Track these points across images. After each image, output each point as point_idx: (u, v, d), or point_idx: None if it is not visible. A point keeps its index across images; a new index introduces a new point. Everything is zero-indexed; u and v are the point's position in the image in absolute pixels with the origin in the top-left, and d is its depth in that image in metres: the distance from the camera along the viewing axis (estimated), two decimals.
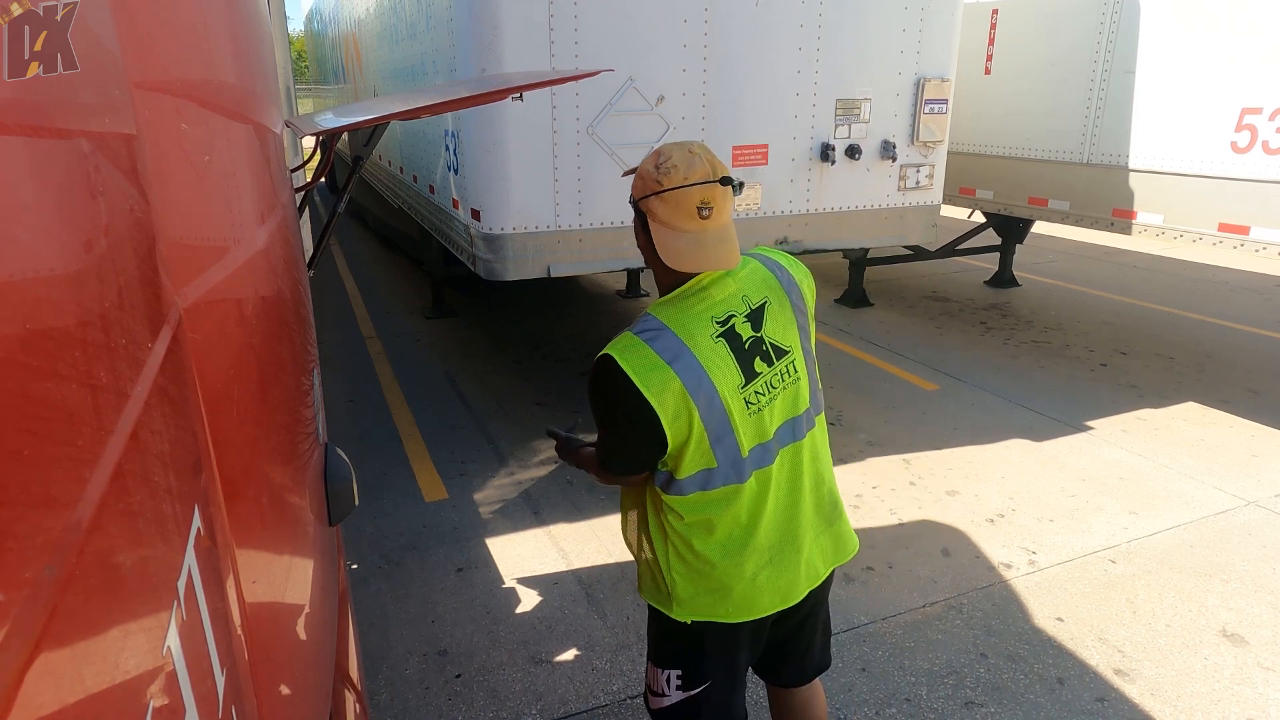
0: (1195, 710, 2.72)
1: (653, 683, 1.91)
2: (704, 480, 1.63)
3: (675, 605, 1.74)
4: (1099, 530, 3.83)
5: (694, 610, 1.73)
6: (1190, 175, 5.49)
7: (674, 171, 1.56)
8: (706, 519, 1.67)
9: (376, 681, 2.87)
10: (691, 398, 1.55)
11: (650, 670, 1.91)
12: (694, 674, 1.83)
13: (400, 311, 7.74)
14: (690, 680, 1.83)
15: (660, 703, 1.89)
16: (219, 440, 0.78)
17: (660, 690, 1.88)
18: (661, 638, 1.86)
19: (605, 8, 4.20)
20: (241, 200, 1.02)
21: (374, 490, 4.24)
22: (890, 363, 6.21)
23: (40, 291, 0.44)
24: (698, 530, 1.68)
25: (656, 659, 1.89)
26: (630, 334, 1.58)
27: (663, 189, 1.56)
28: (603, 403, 1.63)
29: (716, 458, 1.61)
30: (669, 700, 1.87)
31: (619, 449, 1.69)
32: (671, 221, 1.57)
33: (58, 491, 0.44)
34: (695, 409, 1.55)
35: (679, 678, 1.84)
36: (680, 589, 1.72)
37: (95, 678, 0.45)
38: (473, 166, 4.48)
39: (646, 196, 1.59)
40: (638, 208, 1.63)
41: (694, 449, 1.59)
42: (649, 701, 1.96)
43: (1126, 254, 10.14)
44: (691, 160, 1.57)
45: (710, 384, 1.56)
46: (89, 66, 0.52)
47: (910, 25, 4.94)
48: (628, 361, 1.54)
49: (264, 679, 0.87)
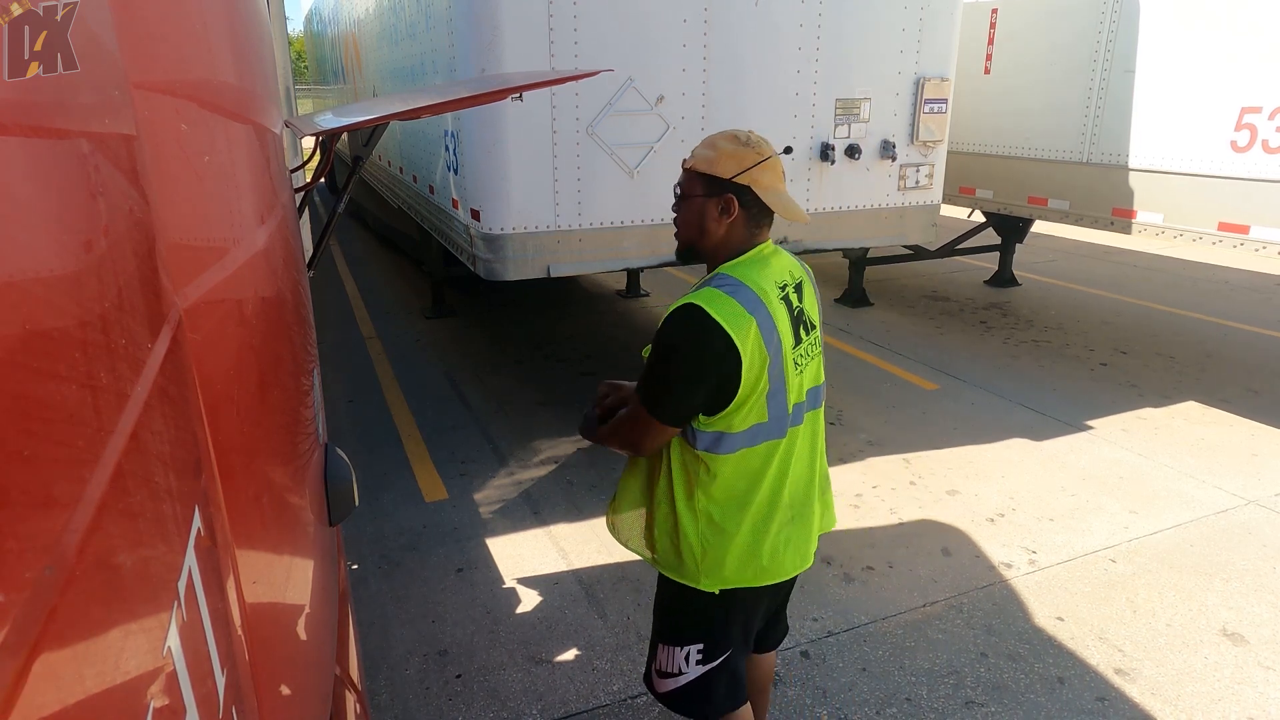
0: (1196, 709, 2.72)
1: (665, 663, 1.95)
2: (752, 435, 1.74)
3: (704, 577, 1.81)
4: (1099, 529, 3.83)
5: (724, 578, 1.81)
6: (1190, 174, 5.49)
7: (762, 145, 1.75)
8: (744, 479, 1.77)
9: (377, 682, 2.87)
10: (766, 348, 1.68)
11: (663, 651, 1.96)
12: (716, 644, 1.91)
13: (400, 311, 7.74)
14: (711, 652, 1.91)
15: (675, 682, 1.94)
16: (219, 441, 0.78)
17: (676, 669, 1.93)
18: (681, 614, 1.92)
19: (605, 8, 4.20)
20: (241, 200, 1.02)
21: (374, 490, 4.24)
22: (890, 362, 6.21)
23: (40, 292, 0.44)
24: (733, 492, 1.77)
25: (673, 637, 1.94)
26: (710, 288, 1.70)
27: (764, 158, 1.73)
28: (682, 349, 1.69)
29: (769, 411, 1.74)
30: (686, 677, 1.93)
31: (685, 396, 1.71)
32: (775, 185, 1.76)
33: (58, 492, 0.44)
34: (768, 359, 1.69)
35: (700, 651, 1.91)
36: (711, 558, 1.79)
37: (96, 678, 0.45)
38: (472, 166, 4.48)
39: (749, 169, 1.71)
40: (730, 184, 1.72)
41: (755, 400, 1.71)
42: (657, 685, 1.99)
43: (1126, 253, 10.14)
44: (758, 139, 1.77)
45: (778, 339, 1.71)
46: (89, 66, 0.52)
47: (910, 25, 4.94)
48: (716, 309, 1.65)
49: (264, 679, 0.87)
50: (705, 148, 1.77)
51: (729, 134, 1.76)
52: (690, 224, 1.80)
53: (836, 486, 4.24)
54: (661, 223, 4.56)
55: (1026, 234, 8.35)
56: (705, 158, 1.75)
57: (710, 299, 1.67)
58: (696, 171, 1.76)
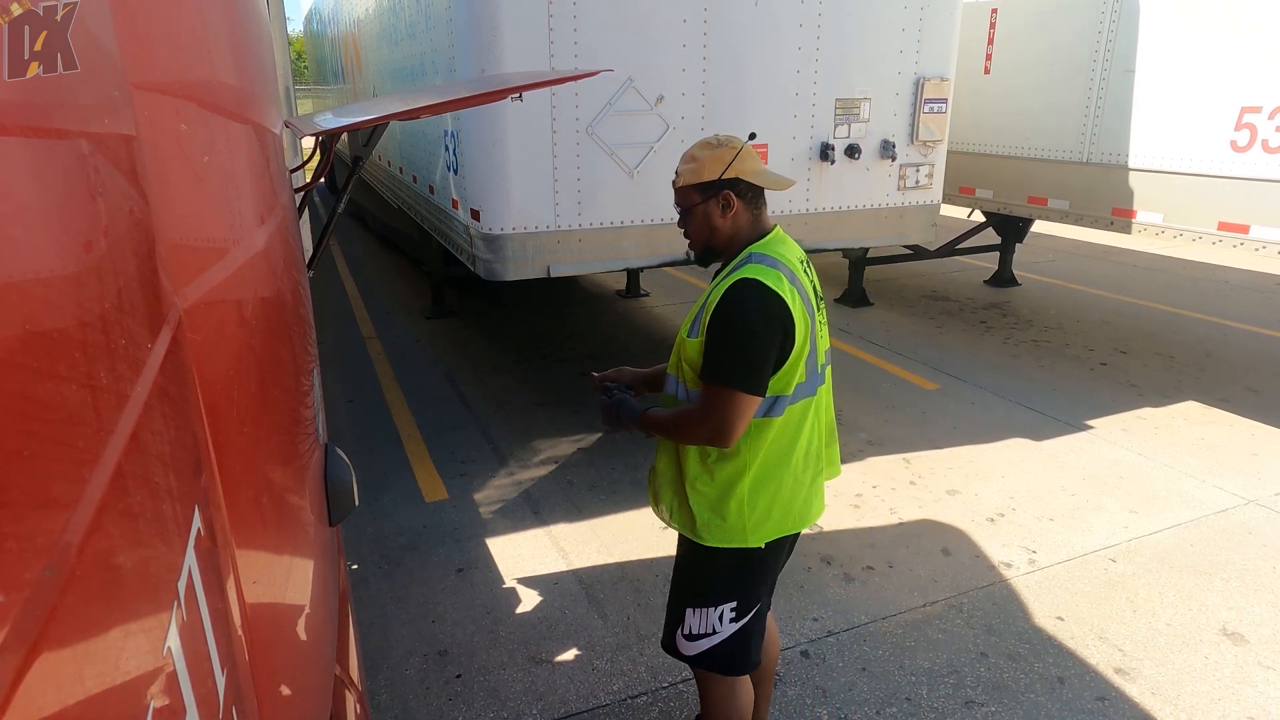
0: (1195, 709, 2.72)
1: (697, 626, 2.05)
2: (796, 394, 1.90)
3: (751, 534, 1.94)
4: (1099, 529, 3.83)
5: (767, 531, 1.95)
6: (1190, 174, 5.49)
7: (732, 139, 1.91)
8: (788, 435, 1.91)
9: (377, 682, 2.87)
10: (806, 313, 1.86)
11: (693, 615, 2.05)
12: (748, 599, 2.04)
13: (400, 311, 7.74)
14: (744, 606, 2.03)
15: (709, 641, 2.04)
16: (219, 441, 0.78)
17: (709, 629, 2.03)
18: (714, 576, 2.02)
19: (605, 7, 4.20)
20: (241, 201, 1.02)
21: (374, 490, 4.24)
22: (890, 362, 6.21)
23: (40, 292, 0.44)
24: (779, 449, 1.91)
25: (704, 599, 2.04)
26: (753, 264, 1.84)
27: (739, 149, 1.88)
28: (753, 319, 1.79)
29: (806, 371, 1.90)
30: (720, 635, 2.04)
31: (765, 363, 1.81)
32: (757, 166, 1.92)
33: (58, 492, 0.44)
34: (808, 322, 1.87)
35: (733, 609, 2.02)
36: (759, 513, 1.93)
37: (96, 678, 0.45)
38: (472, 166, 4.48)
39: (731, 163, 1.87)
40: (720, 183, 1.88)
41: (799, 361, 1.86)
42: (685, 648, 2.08)
43: (1126, 253, 10.14)
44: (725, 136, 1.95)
45: (809, 305, 1.88)
46: (89, 67, 0.52)
47: (910, 25, 4.94)
48: (767, 278, 1.79)
49: (264, 679, 0.87)
50: (686, 163, 1.92)
51: (699, 144, 1.93)
52: (700, 230, 1.95)
53: (837, 486, 4.25)
54: (661, 223, 4.56)
55: (1026, 234, 8.36)
56: (691, 170, 1.91)
57: (759, 271, 1.81)
58: (689, 186, 1.92)
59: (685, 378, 1.95)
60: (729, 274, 1.86)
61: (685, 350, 1.92)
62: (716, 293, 1.84)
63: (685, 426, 1.90)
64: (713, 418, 1.83)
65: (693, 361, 1.90)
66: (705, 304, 1.88)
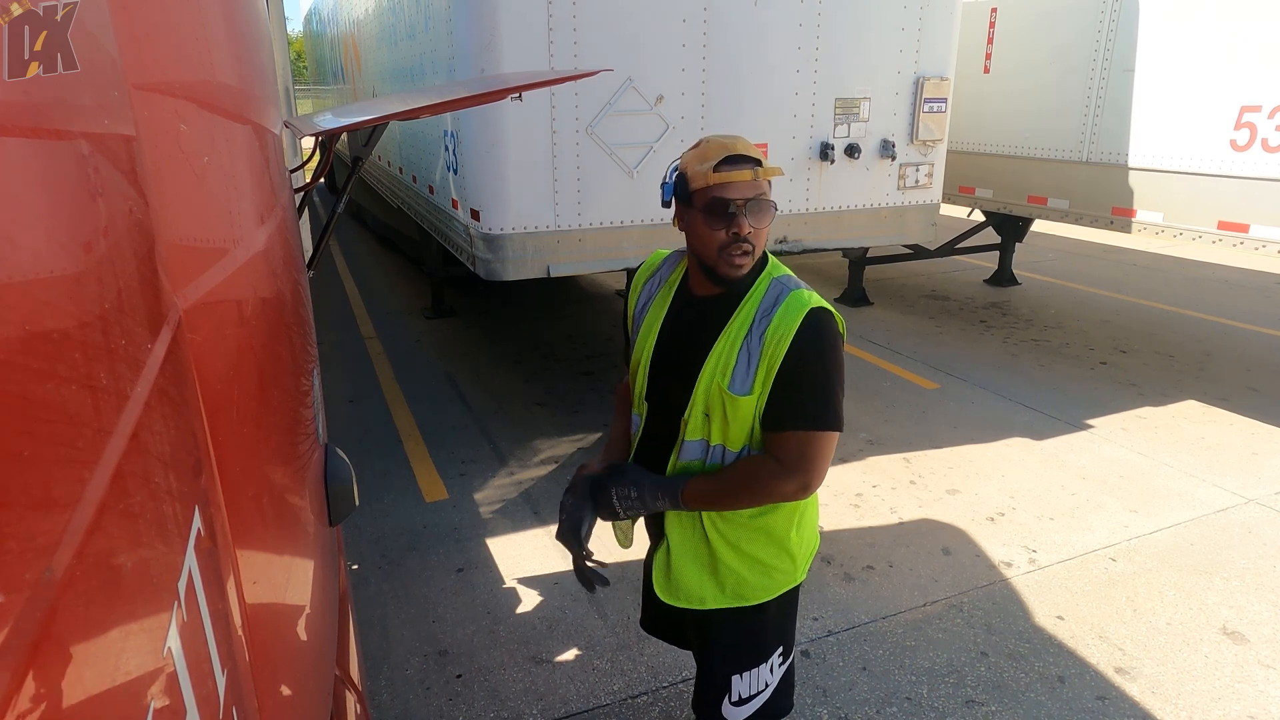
0: (1196, 708, 2.72)
1: (748, 688, 1.85)
2: None
3: (800, 568, 1.81)
4: (1099, 528, 3.83)
5: (806, 560, 1.83)
6: (1190, 173, 5.49)
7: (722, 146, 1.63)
8: None
9: (377, 682, 2.87)
10: None
11: (742, 680, 1.85)
12: (790, 636, 1.90)
13: (400, 311, 7.74)
14: (789, 646, 1.89)
15: (761, 699, 1.86)
16: (219, 441, 0.78)
17: (761, 687, 1.85)
18: (762, 630, 1.84)
19: (604, 7, 4.20)
20: (241, 201, 1.02)
21: (374, 490, 4.24)
22: (890, 361, 6.21)
23: (40, 293, 0.44)
24: None
25: (756, 658, 1.84)
26: (802, 290, 1.64)
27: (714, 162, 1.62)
28: (838, 355, 1.63)
29: None
30: (773, 684, 1.86)
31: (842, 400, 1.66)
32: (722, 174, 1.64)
33: (58, 493, 0.44)
34: None
35: (781, 654, 1.87)
36: (805, 548, 1.81)
37: (96, 679, 0.45)
38: (472, 167, 4.48)
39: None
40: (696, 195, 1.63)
41: None
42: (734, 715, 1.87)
43: (1126, 252, 10.14)
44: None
45: None
46: (88, 67, 0.52)
47: (909, 24, 4.94)
48: (829, 304, 1.63)
49: (264, 679, 0.87)
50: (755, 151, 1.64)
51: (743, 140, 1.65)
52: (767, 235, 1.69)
53: (837, 486, 4.25)
54: (661, 223, 4.56)
55: (1026, 233, 8.35)
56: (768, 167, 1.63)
57: (816, 299, 1.62)
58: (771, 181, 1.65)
59: (727, 439, 1.67)
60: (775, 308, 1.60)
61: (736, 410, 1.62)
62: (783, 334, 1.57)
63: (757, 486, 1.64)
64: (808, 469, 1.60)
65: (744, 421, 1.63)
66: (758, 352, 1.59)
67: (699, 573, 1.76)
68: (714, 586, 1.76)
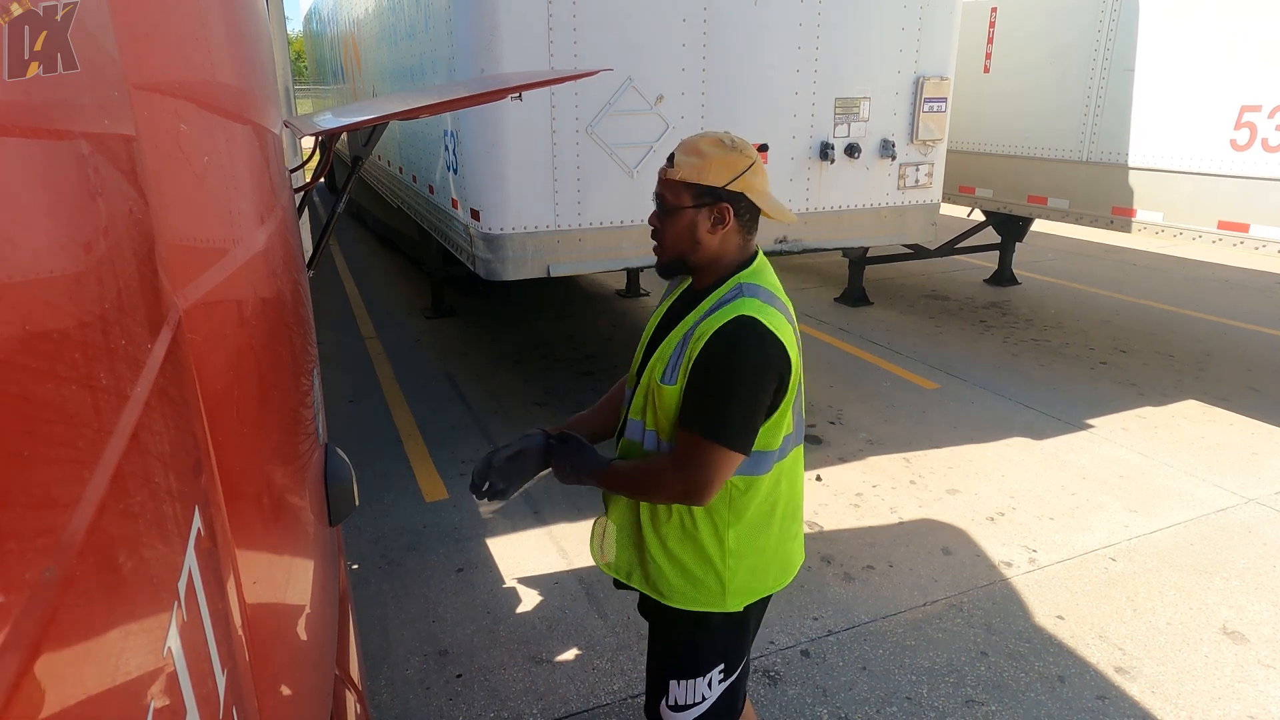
0: (1196, 708, 2.72)
1: (684, 696, 1.85)
2: (784, 446, 1.70)
3: (730, 597, 1.74)
4: (1099, 528, 3.83)
5: (748, 593, 1.76)
6: (1190, 173, 5.49)
7: (746, 146, 1.63)
8: (773, 491, 1.72)
9: (377, 681, 2.87)
10: (799, 357, 1.66)
11: (679, 686, 1.85)
12: (735, 658, 1.86)
13: (400, 311, 7.74)
14: (731, 666, 1.86)
15: (699, 709, 1.85)
16: (219, 441, 0.78)
17: (698, 698, 1.85)
18: (700, 644, 1.83)
19: (604, 7, 4.20)
20: (241, 201, 1.02)
21: (374, 490, 4.24)
22: (890, 361, 6.21)
23: (40, 293, 0.44)
24: (765, 507, 1.71)
25: (692, 670, 1.84)
26: (749, 299, 1.60)
27: (752, 161, 1.62)
28: (752, 365, 1.56)
29: (794, 421, 1.71)
30: (711, 699, 1.86)
31: (755, 418, 1.60)
32: (765, 186, 1.66)
33: (58, 493, 0.44)
34: (799, 367, 1.66)
35: (722, 671, 1.85)
36: (740, 577, 1.73)
37: (96, 679, 0.45)
38: (472, 166, 4.48)
39: (742, 174, 1.60)
40: (721, 193, 1.60)
41: (787, 411, 1.66)
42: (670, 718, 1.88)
43: (1126, 252, 10.14)
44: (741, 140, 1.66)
45: (798, 346, 1.67)
46: (88, 67, 0.52)
47: (909, 24, 4.94)
48: (767, 318, 1.57)
49: (265, 679, 0.87)
50: (689, 154, 1.61)
51: (712, 138, 1.62)
52: (680, 238, 1.65)
53: (837, 485, 4.26)
54: None
55: (1026, 233, 8.35)
56: (693, 166, 1.60)
57: (757, 309, 1.57)
58: (685, 183, 1.61)
59: (658, 427, 1.69)
60: (718, 308, 1.60)
61: (660, 398, 1.65)
62: (704, 332, 1.58)
63: (655, 482, 1.66)
64: (690, 474, 1.59)
65: (668, 411, 1.65)
66: (686, 345, 1.61)
67: (629, 549, 1.81)
68: (639, 570, 1.80)
